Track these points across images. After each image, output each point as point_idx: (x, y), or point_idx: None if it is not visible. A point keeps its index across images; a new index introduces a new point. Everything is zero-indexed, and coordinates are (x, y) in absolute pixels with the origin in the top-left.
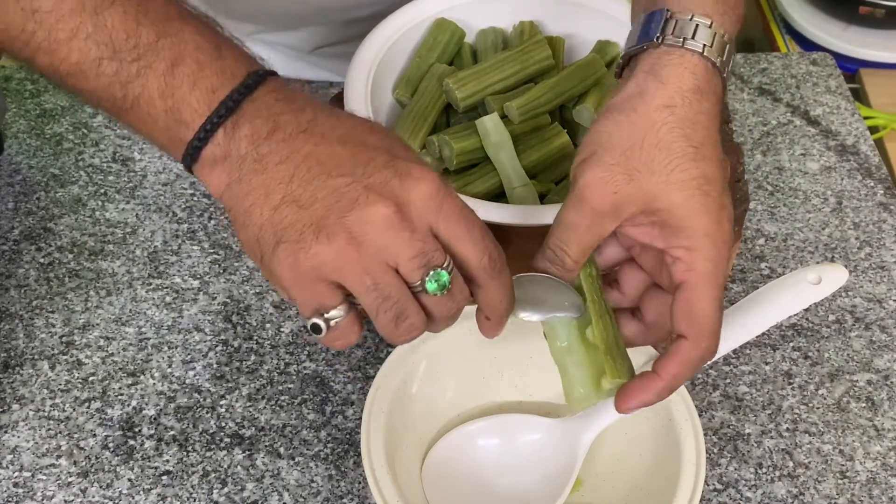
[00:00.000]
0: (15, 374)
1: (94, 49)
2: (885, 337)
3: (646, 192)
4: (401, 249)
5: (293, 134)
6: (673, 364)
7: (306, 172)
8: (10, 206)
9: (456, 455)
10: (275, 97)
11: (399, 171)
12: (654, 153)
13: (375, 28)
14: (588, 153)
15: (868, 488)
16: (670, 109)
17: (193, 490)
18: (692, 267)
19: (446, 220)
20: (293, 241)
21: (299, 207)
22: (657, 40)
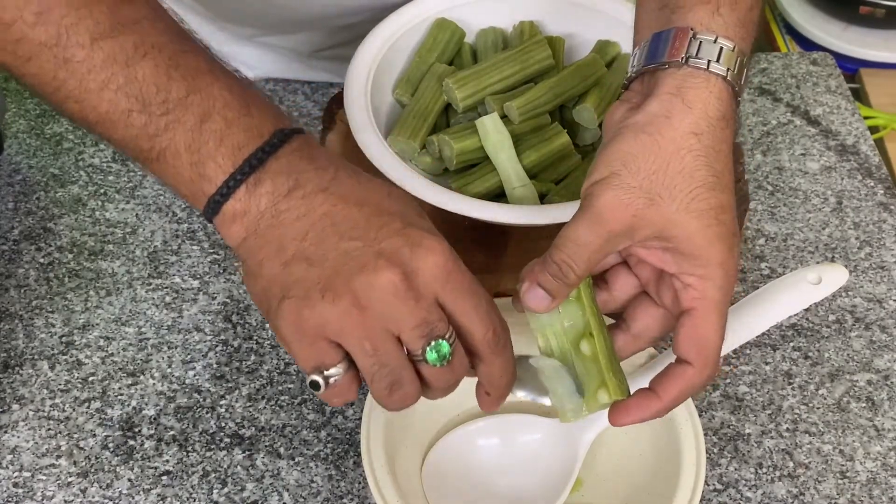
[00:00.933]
0: (15, 374)
1: (125, 101)
2: (885, 337)
3: (664, 217)
4: (404, 318)
5: (313, 192)
6: (675, 388)
7: (320, 231)
8: (10, 206)
9: (456, 455)
10: (299, 155)
11: (411, 239)
12: (678, 179)
13: (375, 28)
14: (608, 172)
15: (868, 488)
16: (697, 137)
17: (193, 490)
18: (704, 295)
19: (453, 292)
20: (299, 298)
21: (309, 265)
22: (682, 59)
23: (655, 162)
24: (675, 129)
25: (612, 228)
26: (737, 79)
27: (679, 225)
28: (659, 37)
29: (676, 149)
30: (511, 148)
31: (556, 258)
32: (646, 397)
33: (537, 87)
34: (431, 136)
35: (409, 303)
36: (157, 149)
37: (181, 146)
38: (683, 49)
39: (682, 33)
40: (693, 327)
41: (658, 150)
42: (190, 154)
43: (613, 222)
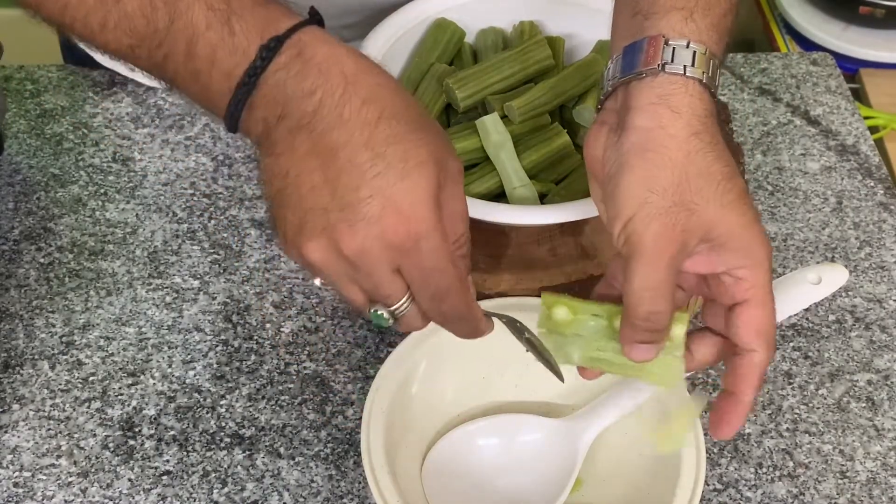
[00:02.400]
0: (15, 374)
1: (125, 38)
2: (885, 337)
3: (707, 221)
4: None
5: (296, 127)
6: (755, 377)
7: (297, 175)
8: (10, 206)
9: (456, 455)
10: (286, 73)
11: (372, 211)
12: (701, 182)
13: (375, 28)
14: (636, 206)
15: (868, 488)
16: (698, 137)
17: (193, 490)
18: (756, 283)
19: (406, 270)
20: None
21: (285, 207)
22: (658, 67)
23: (675, 174)
24: (676, 136)
25: (672, 255)
26: (711, 81)
27: (721, 222)
28: (632, 48)
29: (686, 154)
30: (511, 148)
31: (640, 315)
32: (730, 403)
33: (537, 87)
34: None
35: (358, 273)
36: (168, 77)
37: (184, 76)
38: (658, 57)
39: (656, 41)
40: (753, 316)
41: (672, 163)
42: (193, 82)
43: (670, 249)
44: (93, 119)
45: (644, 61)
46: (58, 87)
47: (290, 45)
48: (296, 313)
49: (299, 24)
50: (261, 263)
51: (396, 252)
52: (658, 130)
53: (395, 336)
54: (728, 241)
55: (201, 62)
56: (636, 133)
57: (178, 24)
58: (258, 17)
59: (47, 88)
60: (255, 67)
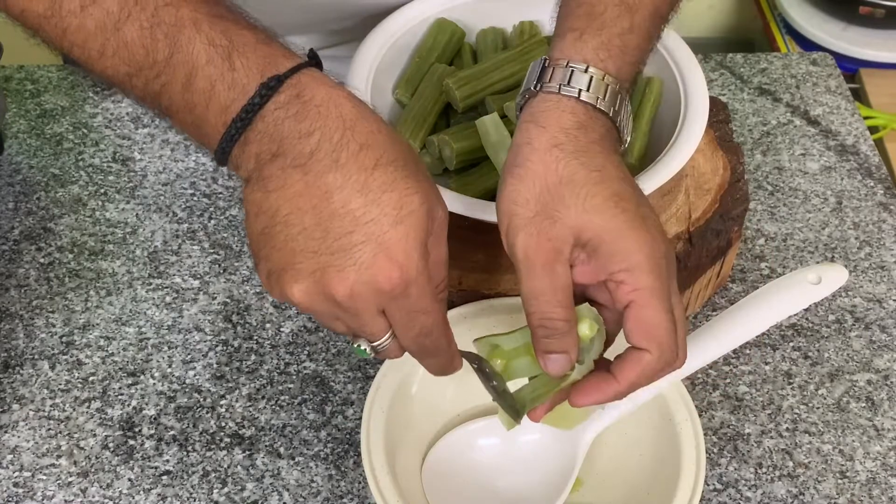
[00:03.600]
0: (15, 374)
1: (122, 66)
2: (885, 337)
3: (571, 226)
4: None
5: (291, 166)
6: (632, 372)
7: (288, 214)
8: (10, 206)
9: (456, 455)
10: (284, 113)
11: (363, 258)
12: (562, 189)
13: (375, 28)
14: (507, 220)
15: (868, 488)
16: (559, 148)
17: (193, 490)
18: (636, 286)
19: (392, 313)
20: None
21: (272, 247)
22: (535, 88)
23: (536, 185)
24: (537, 150)
25: (544, 262)
26: (596, 97)
27: (586, 226)
28: (529, 70)
29: (545, 165)
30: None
31: (534, 321)
32: (604, 379)
33: None
34: (431, 136)
35: (345, 314)
36: (163, 107)
37: (179, 106)
38: (536, 78)
39: (539, 63)
40: (636, 317)
41: (533, 175)
42: (187, 114)
43: (539, 256)
44: (93, 119)
45: (531, 84)
46: (58, 87)
47: (289, 85)
48: (296, 313)
49: (300, 65)
50: None
51: (385, 296)
52: (524, 146)
53: None
54: (599, 245)
55: (198, 95)
56: (512, 150)
57: (178, 56)
58: (260, 55)
59: (47, 88)
60: (254, 104)
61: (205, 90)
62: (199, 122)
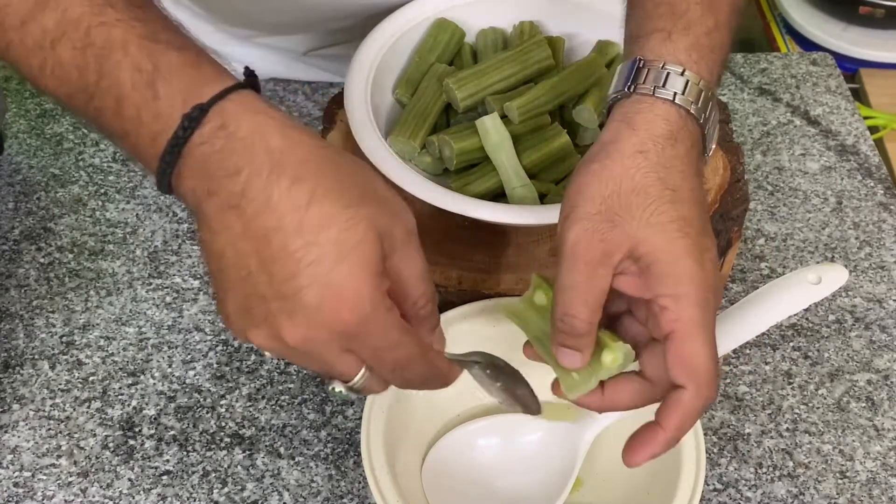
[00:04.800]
0: (15, 374)
1: (61, 85)
2: (885, 337)
3: (629, 236)
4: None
5: (226, 207)
6: (676, 416)
7: (233, 257)
8: (10, 206)
9: (456, 455)
10: (210, 148)
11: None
12: (632, 198)
13: (375, 28)
14: (569, 209)
15: (868, 488)
16: (643, 155)
17: (193, 490)
18: (679, 316)
19: (359, 350)
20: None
21: (225, 290)
22: (629, 89)
23: (608, 186)
24: (622, 151)
25: (588, 260)
26: (689, 101)
27: (644, 241)
28: (621, 70)
29: (625, 169)
30: (511, 148)
31: (557, 315)
32: (651, 431)
33: (537, 87)
34: (431, 136)
35: (308, 358)
36: (105, 132)
37: (116, 133)
38: (631, 79)
39: (633, 63)
40: (676, 351)
41: (608, 174)
42: (123, 141)
43: (587, 254)
44: None
45: (623, 83)
46: None
47: (214, 115)
48: None
49: (227, 89)
50: None
51: (344, 337)
52: (610, 144)
53: None
54: (652, 264)
55: (129, 123)
56: (596, 146)
57: (106, 81)
58: (185, 79)
59: None
60: (178, 137)
61: (133, 118)
62: (135, 151)
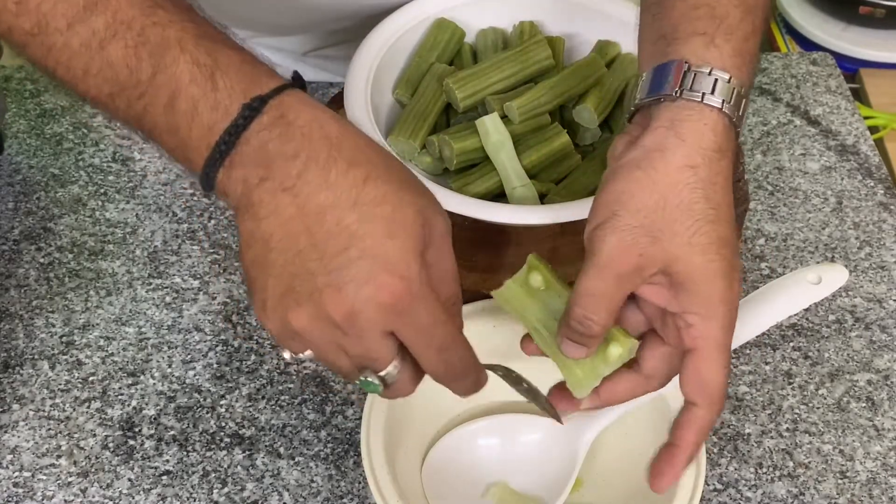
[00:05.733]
0: (15, 374)
1: (105, 85)
2: (885, 337)
3: (668, 253)
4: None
5: (280, 189)
6: (691, 434)
7: (282, 238)
8: (10, 206)
9: (456, 455)
10: (268, 134)
11: (361, 274)
12: (677, 214)
13: (375, 28)
14: (607, 215)
15: (868, 488)
16: (693, 170)
17: (193, 490)
18: (706, 335)
19: (402, 329)
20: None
21: (268, 274)
22: (675, 93)
23: (652, 198)
24: (669, 163)
25: (621, 272)
26: (734, 110)
27: (682, 260)
28: (657, 70)
29: (673, 183)
30: (511, 148)
31: (574, 315)
32: (670, 452)
33: (537, 87)
34: (431, 136)
35: (347, 338)
36: (146, 130)
37: (162, 128)
38: (678, 82)
39: (678, 66)
40: (696, 369)
41: (654, 186)
42: (171, 136)
43: (621, 266)
44: (93, 119)
45: (665, 86)
46: (58, 87)
47: (272, 106)
48: None
49: (283, 86)
50: None
51: (390, 313)
52: (657, 153)
53: None
54: (686, 281)
55: (181, 116)
56: (638, 150)
57: (162, 76)
58: (243, 74)
59: (47, 88)
60: (237, 126)
61: (187, 111)
62: (183, 146)
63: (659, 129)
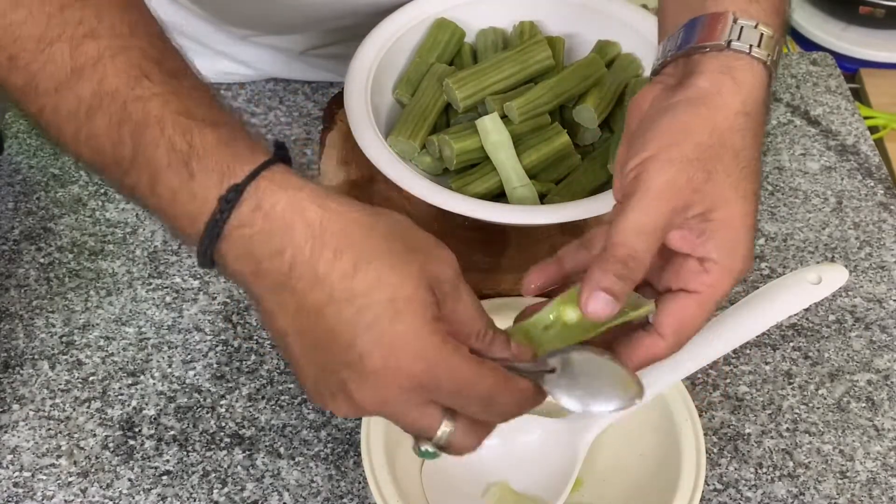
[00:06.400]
0: (15, 374)
1: (96, 156)
2: (885, 337)
3: (718, 195)
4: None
5: (276, 287)
6: (640, 357)
7: (295, 335)
8: (10, 206)
9: None
10: (250, 230)
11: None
12: (729, 157)
13: (375, 28)
14: (661, 145)
15: (868, 488)
16: (746, 117)
17: (193, 490)
18: (717, 284)
19: (439, 398)
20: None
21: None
22: (725, 43)
23: (712, 136)
24: (728, 106)
25: (675, 206)
26: (774, 66)
27: (727, 205)
28: (695, 22)
29: (730, 126)
30: (511, 148)
31: (619, 255)
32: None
33: (537, 87)
34: (431, 136)
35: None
36: (142, 207)
37: (153, 209)
38: (725, 33)
39: (723, 17)
40: (687, 309)
41: (714, 125)
42: (162, 217)
43: (677, 199)
44: None
45: (710, 35)
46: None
47: (250, 194)
48: None
49: (260, 166)
50: None
51: (418, 390)
52: (715, 95)
53: None
54: (721, 229)
55: (165, 202)
56: (693, 90)
57: (142, 158)
58: (220, 158)
59: None
60: (217, 220)
61: (169, 198)
62: (175, 230)
63: (712, 73)
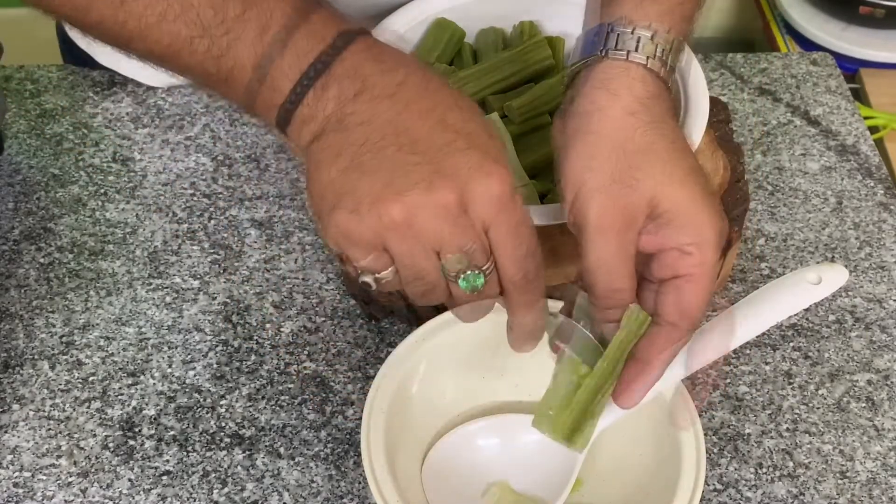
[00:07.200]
0: (15, 374)
1: (185, 29)
2: (885, 337)
3: (649, 196)
4: (447, 241)
5: (379, 97)
6: (666, 352)
7: (380, 139)
8: (10, 206)
9: (456, 455)
10: (365, 56)
11: (472, 162)
12: (640, 159)
13: (375, 28)
14: (578, 185)
15: (868, 488)
16: (634, 116)
17: (193, 490)
18: (703, 261)
19: (499, 226)
20: (348, 210)
21: (361, 174)
22: (601, 53)
23: (613, 152)
24: (612, 117)
25: (618, 229)
26: (659, 64)
27: (665, 197)
28: (586, 35)
29: (623, 132)
30: (511, 148)
31: (599, 291)
32: (638, 369)
33: (537, 87)
34: None
35: (455, 228)
36: (224, 69)
37: (246, 63)
38: (602, 43)
39: (602, 29)
40: (690, 292)
41: (607, 142)
42: (256, 69)
43: (615, 223)
44: (93, 119)
45: (592, 48)
46: (58, 87)
47: (364, 39)
48: (296, 313)
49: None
50: (261, 263)
51: (496, 203)
52: (595, 113)
53: (395, 336)
54: (675, 217)
55: (273, 46)
56: (576, 118)
57: (253, 11)
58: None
59: (47, 88)
60: (336, 47)
61: (281, 40)
62: (269, 73)
63: (589, 91)
